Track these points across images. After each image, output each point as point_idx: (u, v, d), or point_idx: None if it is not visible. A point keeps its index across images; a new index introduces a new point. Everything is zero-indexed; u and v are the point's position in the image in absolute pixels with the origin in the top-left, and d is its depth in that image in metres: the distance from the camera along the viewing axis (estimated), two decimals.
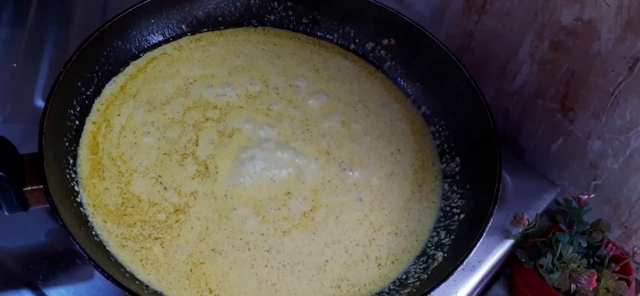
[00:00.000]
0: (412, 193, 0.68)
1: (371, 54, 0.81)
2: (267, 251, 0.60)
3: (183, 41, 0.77)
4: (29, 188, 0.55)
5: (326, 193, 0.65)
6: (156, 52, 0.75)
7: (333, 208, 0.64)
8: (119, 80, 0.71)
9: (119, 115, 0.68)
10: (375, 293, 0.59)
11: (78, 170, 0.62)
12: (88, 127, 0.66)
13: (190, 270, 0.57)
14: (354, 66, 0.80)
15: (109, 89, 0.70)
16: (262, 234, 0.61)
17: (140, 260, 0.57)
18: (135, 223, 0.59)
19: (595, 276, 0.65)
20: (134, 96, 0.70)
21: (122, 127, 0.67)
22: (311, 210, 0.63)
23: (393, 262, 0.62)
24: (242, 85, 0.74)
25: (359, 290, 0.59)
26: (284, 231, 0.61)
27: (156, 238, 0.59)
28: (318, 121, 0.72)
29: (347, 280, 0.60)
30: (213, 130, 0.68)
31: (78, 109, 0.66)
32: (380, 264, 0.61)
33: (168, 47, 0.76)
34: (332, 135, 0.71)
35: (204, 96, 0.71)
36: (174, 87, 0.72)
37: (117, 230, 0.58)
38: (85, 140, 0.65)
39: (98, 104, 0.68)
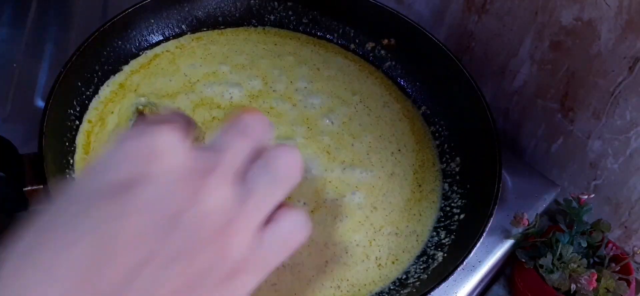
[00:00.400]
0: (413, 193, 0.68)
1: (371, 54, 0.81)
2: None
3: (184, 39, 0.77)
4: (29, 188, 0.55)
5: (327, 194, 0.65)
6: (157, 50, 0.75)
7: (333, 209, 0.64)
8: (118, 78, 0.71)
9: (112, 112, 0.68)
10: (375, 293, 0.59)
11: (76, 170, 0.62)
12: (84, 125, 0.66)
13: None
14: (355, 66, 0.80)
15: (109, 88, 0.70)
16: None
17: None
18: None
19: (595, 276, 0.65)
20: (135, 90, 0.70)
21: (115, 124, 0.67)
22: (312, 211, 0.63)
23: (393, 262, 0.62)
24: (244, 84, 0.74)
25: (359, 290, 0.59)
26: None
27: None
28: (319, 120, 0.72)
29: (347, 280, 0.60)
30: (216, 130, 0.68)
31: (78, 109, 0.66)
32: (380, 264, 0.61)
33: (170, 45, 0.76)
34: (333, 135, 0.71)
35: (207, 94, 0.72)
36: (176, 85, 0.72)
37: None
38: (80, 138, 0.65)
39: (96, 102, 0.68)
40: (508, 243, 0.72)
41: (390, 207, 0.66)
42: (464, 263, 0.56)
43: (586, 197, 0.71)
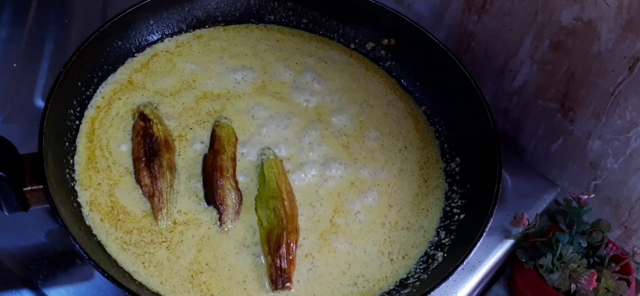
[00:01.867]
0: (420, 188, 0.68)
1: (371, 54, 0.81)
2: None
3: (184, 37, 0.77)
4: (29, 188, 0.55)
5: (348, 195, 0.65)
6: (157, 49, 0.75)
7: (352, 212, 0.64)
8: (120, 77, 0.71)
9: (120, 99, 0.68)
10: (385, 292, 0.59)
11: (76, 167, 0.62)
12: (90, 112, 0.66)
13: (192, 277, 0.57)
14: (359, 64, 0.80)
15: (111, 85, 0.70)
16: None
17: (142, 263, 0.57)
18: (131, 230, 0.59)
19: (595, 276, 0.65)
20: (143, 87, 0.70)
21: (118, 113, 0.67)
22: (334, 211, 0.64)
23: (403, 257, 0.62)
24: (248, 76, 0.74)
25: (374, 285, 0.60)
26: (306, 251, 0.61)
27: (162, 242, 0.58)
28: (331, 115, 0.72)
29: (363, 276, 0.60)
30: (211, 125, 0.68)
31: (78, 109, 0.66)
32: (392, 259, 0.62)
33: (170, 44, 0.76)
34: (347, 131, 0.71)
35: (210, 88, 0.72)
36: (178, 82, 0.72)
37: (116, 233, 0.58)
38: (84, 127, 0.65)
39: (101, 95, 0.69)
40: (508, 243, 0.72)
41: (402, 203, 0.66)
42: (464, 263, 0.56)
43: (586, 197, 0.71)
